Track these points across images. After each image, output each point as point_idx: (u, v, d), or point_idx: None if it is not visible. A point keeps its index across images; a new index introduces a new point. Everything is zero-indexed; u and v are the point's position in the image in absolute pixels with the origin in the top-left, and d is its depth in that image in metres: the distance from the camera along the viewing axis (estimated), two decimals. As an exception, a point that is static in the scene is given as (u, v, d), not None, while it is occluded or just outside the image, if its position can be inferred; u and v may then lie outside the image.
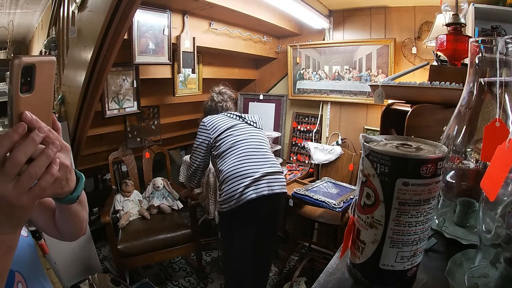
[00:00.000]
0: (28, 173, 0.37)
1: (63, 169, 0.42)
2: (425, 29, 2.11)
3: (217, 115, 1.83)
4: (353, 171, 2.37)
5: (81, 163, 2.24)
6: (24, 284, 0.54)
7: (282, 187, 1.67)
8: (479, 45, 0.50)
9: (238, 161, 1.62)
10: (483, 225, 0.40)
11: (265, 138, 1.83)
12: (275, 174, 1.66)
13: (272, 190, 1.60)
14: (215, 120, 1.77)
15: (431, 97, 0.93)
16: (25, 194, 0.37)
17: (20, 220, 0.43)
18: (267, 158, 1.70)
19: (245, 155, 1.65)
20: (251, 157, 1.65)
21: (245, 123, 1.80)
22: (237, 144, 1.68)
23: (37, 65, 0.37)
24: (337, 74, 2.53)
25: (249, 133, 1.75)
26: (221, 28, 2.27)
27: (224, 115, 1.83)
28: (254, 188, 1.56)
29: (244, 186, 1.56)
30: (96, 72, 1.60)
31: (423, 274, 0.45)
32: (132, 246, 1.97)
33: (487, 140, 0.47)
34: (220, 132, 1.72)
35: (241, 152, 1.65)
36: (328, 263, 0.50)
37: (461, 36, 1.07)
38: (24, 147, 0.36)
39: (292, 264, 2.49)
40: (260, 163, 1.65)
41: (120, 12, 1.33)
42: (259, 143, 1.74)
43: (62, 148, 0.41)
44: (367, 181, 0.42)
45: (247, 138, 1.72)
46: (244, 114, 1.86)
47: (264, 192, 1.58)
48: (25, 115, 0.36)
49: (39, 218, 0.66)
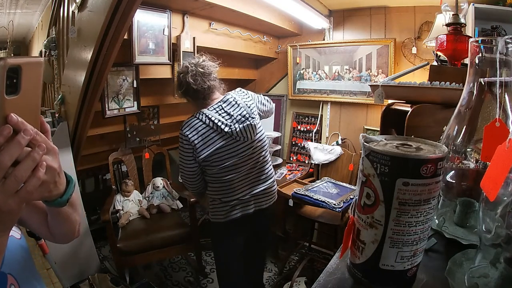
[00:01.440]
0: (14, 176, 0.36)
1: (50, 172, 0.41)
2: (425, 29, 2.11)
3: (199, 125, 1.45)
4: (353, 171, 2.37)
5: (81, 163, 2.24)
6: (17, 286, 0.54)
7: (270, 201, 1.64)
8: (479, 45, 0.50)
9: (225, 187, 1.51)
10: (483, 225, 0.40)
11: (259, 147, 1.54)
12: (265, 191, 1.60)
13: (259, 207, 1.59)
14: (200, 135, 1.44)
15: (431, 97, 0.93)
16: (11, 198, 0.37)
17: (7, 224, 0.43)
18: (259, 175, 1.57)
19: (233, 181, 1.50)
20: (240, 181, 1.52)
21: (235, 141, 1.46)
22: (225, 170, 1.48)
23: (23, 67, 0.36)
24: (337, 74, 2.54)
25: (239, 153, 1.47)
26: (221, 28, 2.27)
27: (208, 127, 1.44)
28: (240, 208, 1.54)
29: (230, 207, 1.53)
30: (96, 72, 1.60)
31: (423, 274, 0.45)
32: (132, 245, 1.97)
33: (487, 140, 0.47)
34: (207, 154, 1.44)
35: (229, 178, 1.49)
36: (328, 263, 0.50)
37: (461, 36, 1.07)
38: (10, 150, 0.36)
39: (292, 264, 2.49)
40: (249, 185, 1.55)
41: (120, 12, 1.33)
42: (252, 160, 1.53)
43: (49, 151, 0.41)
44: (367, 181, 0.42)
45: (237, 162, 1.48)
46: (232, 125, 1.44)
47: (250, 211, 1.56)
48: (10, 118, 0.36)
49: (31, 220, 0.66)
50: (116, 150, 2.36)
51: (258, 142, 1.53)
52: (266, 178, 1.60)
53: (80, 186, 2.72)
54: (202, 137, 1.44)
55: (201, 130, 1.44)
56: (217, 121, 1.44)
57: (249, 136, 1.48)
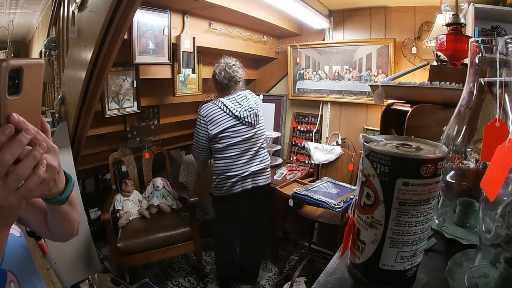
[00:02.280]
0: (15, 174, 0.37)
1: (51, 170, 0.42)
2: (425, 29, 2.11)
3: (214, 108, 1.88)
4: (353, 171, 2.37)
5: (81, 163, 2.24)
6: (17, 283, 0.54)
7: (265, 180, 2.00)
8: (479, 45, 0.50)
9: (229, 162, 1.89)
10: (483, 225, 0.40)
11: (259, 134, 1.96)
12: (261, 170, 1.97)
13: (256, 184, 1.95)
14: (213, 115, 1.87)
15: (431, 97, 0.93)
16: (12, 195, 0.38)
17: (7, 221, 0.44)
18: (256, 157, 1.95)
19: (237, 157, 1.89)
20: (242, 159, 1.90)
21: (241, 124, 1.89)
22: (231, 147, 1.88)
23: (25, 68, 0.37)
24: (337, 74, 2.53)
25: (244, 135, 1.89)
26: (221, 28, 2.27)
27: (222, 111, 1.87)
28: (240, 184, 1.91)
29: (232, 183, 1.89)
30: (96, 72, 1.60)
31: (423, 274, 0.45)
32: (132, 244, 1.97)
33: (487, 140, 0.47)
34: (218, 131, 1.86)
35: (233, 154, 1.89)
36: (328, 263, 0.50)
37: (461, 36, 1.07)
38: (11, 148, 0.37)
39: (292, 264, 2.49)
40: (249, 163, 1.92)
41: (120, 12, 1.33)
42: (252, 143, 1.93)
43: (49, 150, 0.42)
44: (367, 181, 0.42)
45: (241, 141, 1.89)
46: (241, 112, 1.87)
47: (249, 187, 1.93)
48: (12, 117, 0.37)
49: (31, 218, 0.67)
50: (116, 150, 2.36)
51: (258, 131, 1.96)
52: (262, 160, 1.99)
53: (80, 186, 2.72)
54: (215, 117, 1.86)
55: (215, 111, 1.88)
56: (230, 107, 1.87)
57: (252, 122, 1.91)
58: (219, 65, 1.93)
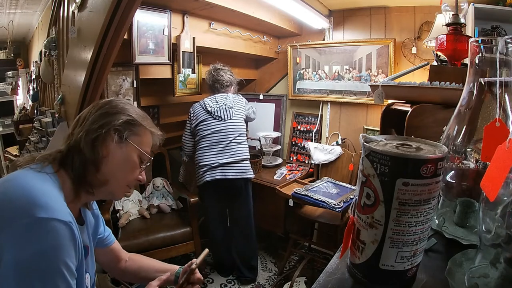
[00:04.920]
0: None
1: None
2: (425, 29, 2.11)
3: (197, 106, 2.16)
4: (353, 171, 2.37)
5: (81, 163, 2.23)
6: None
7: (237, 174, 2.08)
8: (479, 45, 0.50)
9: (201, 153, 2.09)
10: (483, 225, 0.40)
11: (230, 128, 2.10)
12: (231, 163, 2.07)
13: (225, 176, 2.05)
14: (195, 111, 2.15)
15: (431, 97, 0.93)
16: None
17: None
18: (227, 149, 2.07)
19: (207, 148, 2.08)
20: (212, 150, 2.07)
21: (212, 118, 2.10)
22: (203, 139, 2.10)
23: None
24: (337, 74, 2.53)
25: (214, 128, 2.09)
26: (221, 28, 2.27)
27: (201, 107, 2.14)
28: (209, 174, 2.05)
29: (203, 171, 2.07)
30: (96, 72, 1.60)
31: (423, 274, 0.45)
32: (132, 245, 1.97)
33: (487, 140, 0.47)
34: (196, 123, 2.12)
35: (204, 145, 2.09)
36: (328, 263, 0.50)
37: (461, 36, 1.07)
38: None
39: (292, 264, 2.49)
40: (218, 155, 2.06)
41: (120, 12, 1.33)
42: (222, 136, 2.08)
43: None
44: (367, 181, 0.42)
45: (211, 133, 2.08)
46: (214, 107, 2.10)
47: (217, 177, 2.04)
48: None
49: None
50: (116, 150, 2.36)
51: (231, 125, 2.11)
52: (234, 154, 2.09)
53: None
54: (196, 113, 2.14)
55: (197, 108, 2.16)
56: (207, 103, 2.13)
57: (222, 116, 2.10)
58: (209, 69, 2.23)
